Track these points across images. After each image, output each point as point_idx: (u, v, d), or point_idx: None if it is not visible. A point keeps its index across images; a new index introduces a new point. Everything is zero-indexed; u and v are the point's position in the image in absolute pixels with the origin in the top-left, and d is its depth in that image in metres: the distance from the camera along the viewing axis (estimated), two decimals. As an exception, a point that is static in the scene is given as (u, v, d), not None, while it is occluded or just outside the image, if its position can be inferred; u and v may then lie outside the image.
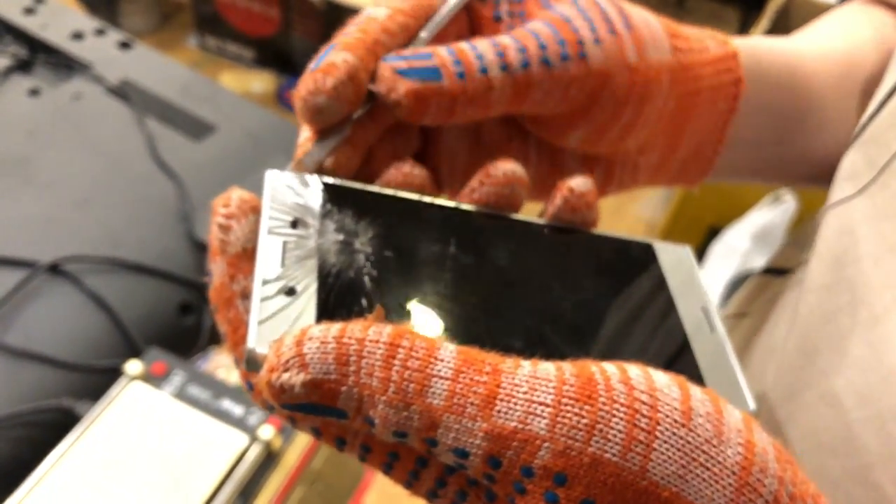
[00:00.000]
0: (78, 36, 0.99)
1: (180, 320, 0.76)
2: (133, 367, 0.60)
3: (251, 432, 0.58)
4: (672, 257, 0.27)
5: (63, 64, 0.96)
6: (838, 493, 0.29)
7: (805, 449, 0.31)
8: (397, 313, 0.22)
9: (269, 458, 0.58)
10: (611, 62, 0.27)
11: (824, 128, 0.37)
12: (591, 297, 0.25)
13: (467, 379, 0.19)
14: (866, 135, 0.34)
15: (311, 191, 0.24)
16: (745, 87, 0.32)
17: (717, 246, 1.32)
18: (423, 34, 0.28)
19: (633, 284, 0.26)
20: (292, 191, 0.24)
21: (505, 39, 0.27)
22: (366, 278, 0.23)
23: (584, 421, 0.18)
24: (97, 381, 0.66)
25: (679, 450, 0.18)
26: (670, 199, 1.60)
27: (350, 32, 0.26)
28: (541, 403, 0.18)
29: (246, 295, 0.23)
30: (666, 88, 0.30)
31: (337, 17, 2.02)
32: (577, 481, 0.18)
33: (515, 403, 0.18)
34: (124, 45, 1.00)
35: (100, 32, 1.01)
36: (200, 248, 0.79)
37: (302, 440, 0.58)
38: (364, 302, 0.22)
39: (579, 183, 0.26)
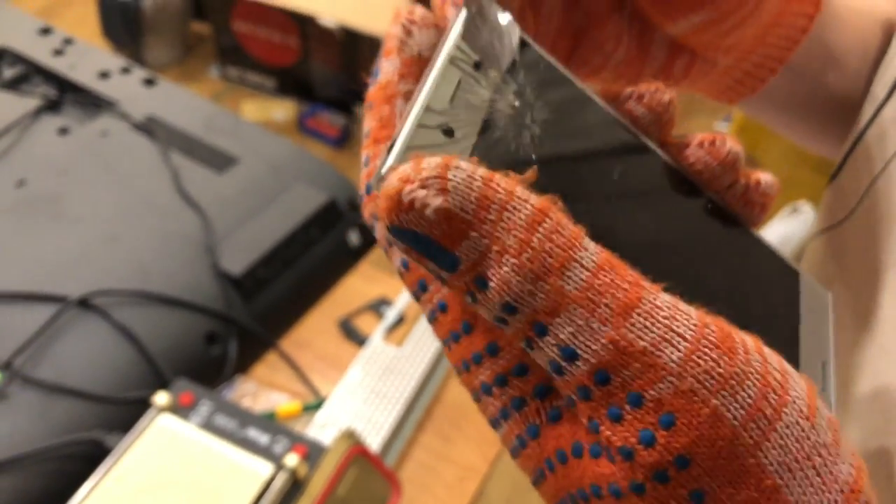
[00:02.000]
0: (104, 75, 1.02)
1: (207, 350, 0.77)
2: (161, 398, 0.62)
3: (277, 460, 0.59)
4: (813, 296, 0.25)
5: (90, 102, 0.99)
6: None
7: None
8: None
9: (295, 486, 0.58)
10: None
11: (864, 73, 0.37)
12: (726, 294, 0.23)
13: (608, 279, 0.17)
14: (850, 162, 0.34)
15: (507, 40, 0.22)
16: (818, 11, 0.32)
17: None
18: None
19: (767, 303, 0.24)
20: (489, 30, 0.22)
21: None
22: (522, 158, 0.20)
23: (720, 370, 0.16)
24: (127, 412, 0.68)
25: (798, 442, 0.16)
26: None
27: None
28: (679, 335, 0.17)
29: (409, 99, 0.21)
30: None
31: (355, 45, 2.06)
32: (685, 430, 0.16)
33: (653, 324, 0.17)
34: (149, 82, 1.03)
35: (125, 70, 1.04)
36: (225, 279, 0.80)
37: (327, 467, 0.58)
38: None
39: (768, 180, 0.24)
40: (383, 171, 0.18)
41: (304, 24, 2.09)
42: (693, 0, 0.28)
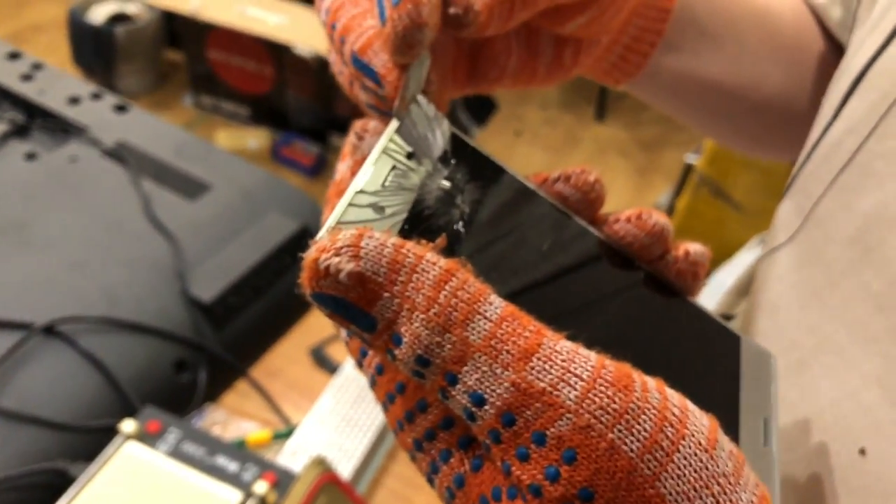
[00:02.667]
0: (74, 100, 1.02)
1: (176, 378, 0.76)
2: (128, 426, 0.61)
3: (246, 488, 0.58)
4: (754, 357, 0.26)
5: (60, 128, 0.98)
6: None
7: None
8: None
9: (265, 515, 0.58)
10: None
11: (740, 64, 0.39)
12: (662, 359, 0.24)
13: (510, 328, 0.18)
14: (796, 184, 0.36)
15: (439, 134, 0.24)
16: None
17: (707, 288, 1.33)
18: None
19: (706, 367, 0.25)
20: (422, 125, 0.24)
21: None
22: (451, 234, 0.22)
23: (615, 406, 0.17)
24: (93, 440, 0.66)
25: (696, 472, 0.17)
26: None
27: None
28: (576, 375, 0.18)
29: None
30: None
31: (330, 74, 2.07)
32: (585, 463, 0.17)
33: (551, 366, 0.18)
34: (120, 109, 1.03)
35: (96, 97, 1.04)
36: (195, 306, 0.80)
37: (297, 494, 0.58)
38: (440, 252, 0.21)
39: (697, 249, 0.26)
40: (315, 244, 0.20)
41: (278, 52, 2.10)
42: (576, 6, 0.29)
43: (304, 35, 2.03)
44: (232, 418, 0.76)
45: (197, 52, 2.24)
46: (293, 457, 0.71)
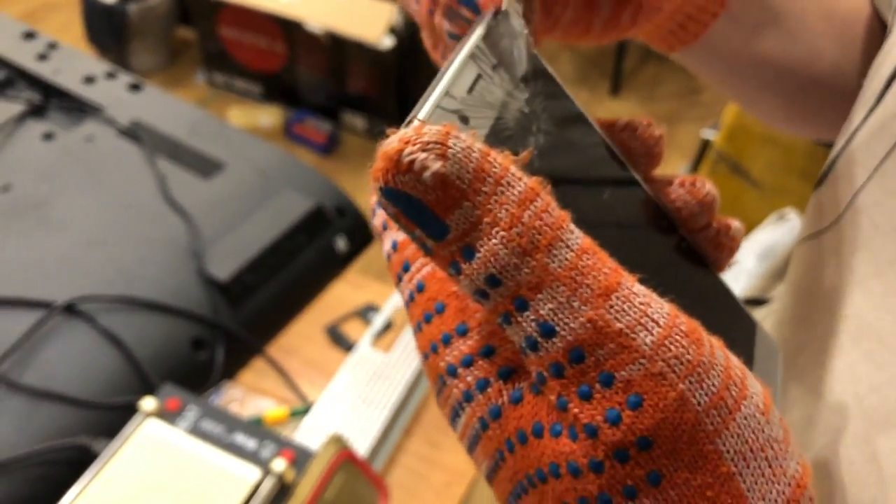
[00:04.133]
0: (90, 80, 1.02)
1: (193, 356, 0.77)
2: (148, 403, 0.61)
3: (264, 465, 0.59)
4: (765, 348, 0.26)
5: (75, 107, 0.99)
6: None
7: None
8: None
9: (283, 491, 0.58)
10: None
11: (797, 41, 0.39)
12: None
13: (591, 262, 0.18)
14: (836, 169, 0.35)
15: (523, 51, 0.23)
16: None
17: (725, 265, 1.32)
18: None
19: (729, 338, 0.26)
20: (508, 38, 0.23)
21: None
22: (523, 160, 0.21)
23: (689, 357, 0.17)
24: (113, 418, 0.67)
25: (755, 433, 0.17)
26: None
27: None
28: (654, 321, 0.17)
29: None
30: None
31: (342, 51, 2.06)
32: (651, 412, 0.17)
33: (630, 308, 0.17)
34: (134, 87, 1.03)
35: (110, 76, 1.04)
36: (211, 285, 0.80)
37: (314, 472, 0.58)
38: None
39: (737, 226, 0.26)
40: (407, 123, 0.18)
41: (290, 29, 2.09)
42: None
43: (316, 12, 2.01)
44: (249, 396, 0.77)
45: (209, 29, 2.23)
46: (310, 434, 0.72)
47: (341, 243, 0.92)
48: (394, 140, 0.17)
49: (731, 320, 0.26)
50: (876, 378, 0.28)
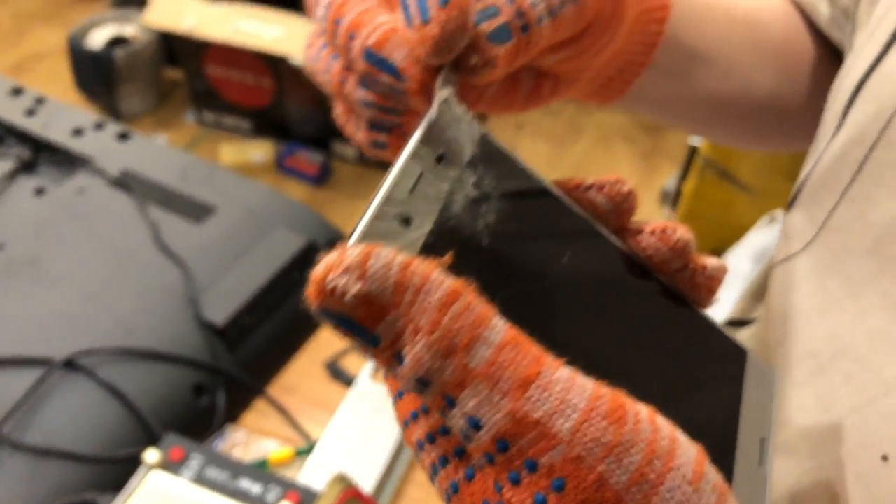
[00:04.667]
0: (78, 132, 1.03)
1: (195, 402, 0.77)
2: (151, 455, 0.62)
3: (270, 510, 0.59)
4: (758, 373, 0.26)
5: (65, 160, 1.00)
6: None
7: (774, 498, 0.32)
8: (488, 288, 0.21)
9: (291, 534, 0.59)
10: None
11: (730, 77, 0.40)
12: (670, 373, 0.24)
13: (511, 355, 0.18)
14: (805, 193, 0.36)
15: (469, 136, 0.24)
16: (670, 13, 0.34)
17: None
18: None
19: (710, 381, 0.25)
20: (453, 127, 0.23)
21: None
22: (475, 244, 0.22)
23: (606, 439, 0.18)
24: (118, 471, 0.67)
25: None
26: (670, 229, 1.61)
27: None
28: (571, 407, 0.18)
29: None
30: (630, 10, 0.32)
31: (328, 81, 2.08)
32: (573, 493, 0.18)
33: (548, 396, 0.18)
34: (123, 136, 1.04)
35: (98, 126, 1.05)
36: (209, 330, 0.81)
37: (320, 514, 0.59)
38: (461, 264, 0.21)
39: (714, 264, 0.26)
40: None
41: (276, 64, 2.11)
42: (559, 44, 0.29)
43: (300, 46, 2.03)
44: (253, 438, 0.77)
45: (195, 69, 2.25)
46: (316, 472, 0.72)
47: (336, 278, 0.92)
48: (320, 266, 0.19)
49: (718, 355, 0.26)
50: (855, 399, 0.29)
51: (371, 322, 0.19)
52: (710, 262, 0.26)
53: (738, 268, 1.33)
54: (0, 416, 0.70)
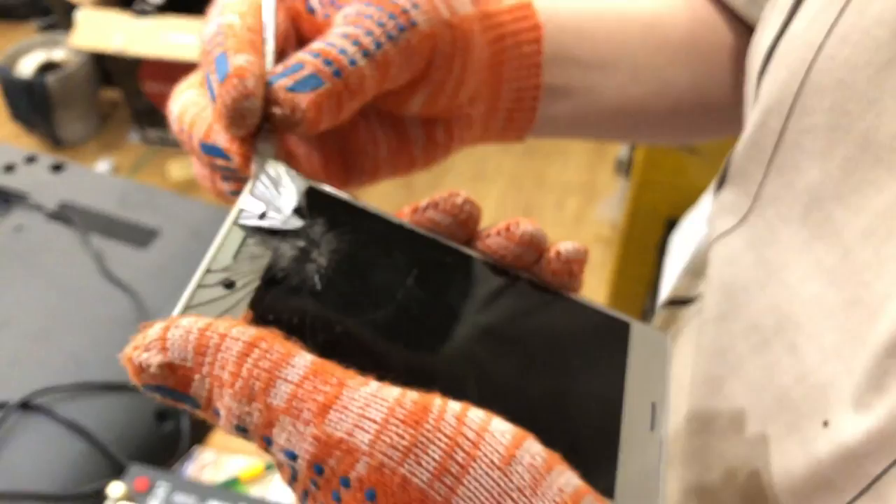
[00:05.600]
0: (9, 168, 1.01)
1: (159, 428, 0.77)
2: (115, 488, 0.61)
3: (241, 529, 0.59)
4: (647, 342, 0.26)
5: (0, 199, 0.98)
6: None
7: (719, 476, 0.32)
8: (324, 332, 0.22)
9: (265, 549, 0.59)
10: (433, 22, 0.29)
11: (638, 81, 0.39)
12: (543, 355, 0.25)
13: (311, 386, 0.20)
14: (733, 168, 0.36)
15: (292, 192, 0.25)
16: (543, 32, 0.35)
17: (677, 237, 1.35)
18: (269, 41, 0.28)
19: (590, 357, 0.26)
20: (273, 186, 0.25)
21: (350, 28, 0.28)
22: (307, 289, 0.23)
23: (403, 443, 0.19)
24: (87, 507, 0.67)
25: (487, 490, 0.19)
26: (626, 199, 1.63)
27: (227, 34, 0.27)
28: (370, 419, 0.19)
29: None
30: (479, 36, 0.32)
31: (268, 86, 2.05)
32: (384, 499, 0.19)
33: (347, 415, 0.19)
34: (56, 168, 1.02)
35: (30, 160, 1.03)
36: (165, 354, 0.80)
37: (291, 526, 0.59)
38: (293, 311, 0.22)
39: (568, 248, 0.26)
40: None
41: (213, 74, 2.08)
42: (409, 87, 0.30)
43: (235, 53, 2.01)
44: (222, 456, 0.77)
45: (132, 87, 2.21)
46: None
47: (290, 286, 0.92)
48: (128, 346, 0.21)
49: (595, 330, 0.27)
50: (799, 369, 0.29)
51: (184, 386, 0.20)
52: (565, 246, 0.26)
53: (696, 233, 1.35)
54: (-41, 467, 0.68)
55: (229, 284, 0.22)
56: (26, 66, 2.22)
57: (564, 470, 0.20)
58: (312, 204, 0.25)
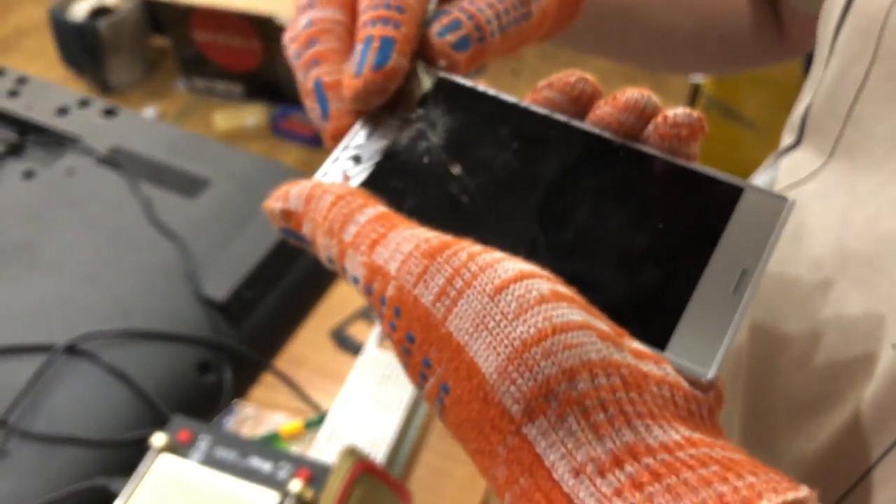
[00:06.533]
0: (63, 111, 1.00)
1: (201, 380, 0.77)
2: (158, 439, 0.61)
3: (282, 488, 0.58)
4: (760, 207, 0.25)
5: (53, 141, 0.97)
6: (816, 444, 0.32)
7: (785, 412, 0.34)
8: (420, 195, 0.27)
9: (305, 509, 0.58)
10: (542, 4, 0.33)
11: (651, 23, 0.46)
12: (626, 213, 0.26)
13: (370, 228, 0.24)
14: (808, 127, 0.36)
15: (421, 84, 0.30)
16: None
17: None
18: None
19: (684, 214, 0.26)
20: (408, 79, 0.29)
21: (497, 1, 0.31)
22: (415, 161, 0.28)
23: (418, 270, 0.23)
24: (128, 454, 0.67)
25: (475, 313, 0.22)
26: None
27: (395, 14, 0.29)
28: (401, 252, 0.23)
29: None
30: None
31: (317, 40, 2.03)
32: (404, 315, 0.23)
33: (387, 249, 0.24)
34: (109, 113, 1.01)
35: (83, 104, 1.02)
36: (210, 306, 0.80)
37: (332, 488, 0.58)
38: (398, 179, 0.28)
39: (677, 112, 0.26)
40: None
41: (263, 25, 2.06)
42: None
43: (286, 5, 1.98)
44: (262, 412, 0.77)
45: (183, 35, 2.21)
46: (328, 444, 0.72)
47: (336, 245, 0.91)
48: (267, 200, 0.28)
49: (701, 195, 0.26)
50: (868, 301, 0.30)
51: (297, 226, 0.27)
52: (674, 111, 0.26)
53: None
54: (5, 405, 0.69)
55: (357, 159, 0.28)
56: (79, 11, 2.22)
57: (566, 306, 0.21)
58: (439, 92, 0.29)
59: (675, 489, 0.18)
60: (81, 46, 2.22)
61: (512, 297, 0.21)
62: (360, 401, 0.75)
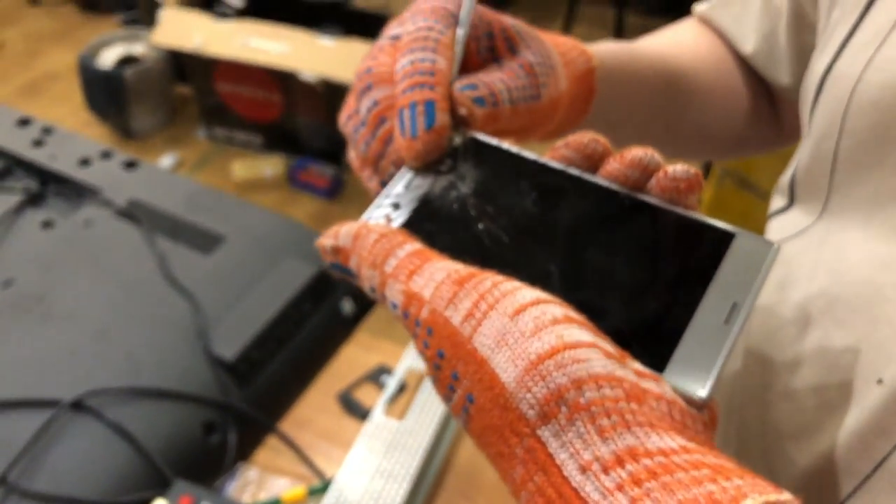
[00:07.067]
0: (85, 162, 1.02)
1: (206, 441, 0.76)
2: (159, 504, 0.60)
3: (282, 561, 0.57)
4: (748, 249, 0.28)
5: (73, 192, 0.98)
6: (803, 474, 0.36)
7: (773, 439, 0.38)
8: (451, 235, 0.30)
9: (304, 585, 0.56)
10: (552, 93, 0.37)
11: (655, 114, 0.49)
12: (630, 253, 0.29)
13: (409, 261, 0.28)
14: (799, 190, 0.40)
15: (455, 144, 0.33)
16: (595, 95, 0.42)
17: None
18: (458, 55, 0.35)
19: (685, 255, 0.29)
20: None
21: (506, 78, 0.35)
22: (447, 207, 0.31)
23: (448, 295, 0.26)
24: (128, 516, 0.66)
25: (497, 331, 0.24)
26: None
27: (429, 79, 0.33)
28: (434, 280, 0.27)
29: None
30: (573, 95, 0.40)
31: (337, 95, 2.06)
32: (436, 334, 0.26)
33: (422, 277, 0.27)
34: (129, 165, 1.03)
35: (105, 155, 1.04)
36: (218, 365, 0.79)
37: (334, 564, 0.57)
38: (433, 221, 0.31)
39: (676, 168, 0.29)
40: None
41: (284, 79, 2.10)
42: (516, 126, 0.37)
43: (307, 61, 2.02)
44: (265, 476, 0.76)
45: (205, 85, 2.25)
46: (330, 513, 0.70)
47: (347, 306, 0.90)
48: (320, 238, 0.31)
49: (701, 237, 0.29)
50: (849, 338, 0.34)
51: (345, 261, 0.30)
52: (673, 166, 0.29)
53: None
54: (6, 461, 0.68)
55: (396, 206, 0.32)
56: (107, 59, 2.28)
57: (576, 328, 0.24)
58: (468, 149, 0.33)
59: (669, 486, 0.21)
60: (107, 93, 2.27)
61: (529, 318, 0.24)
62: (366, 469, 0.74)
